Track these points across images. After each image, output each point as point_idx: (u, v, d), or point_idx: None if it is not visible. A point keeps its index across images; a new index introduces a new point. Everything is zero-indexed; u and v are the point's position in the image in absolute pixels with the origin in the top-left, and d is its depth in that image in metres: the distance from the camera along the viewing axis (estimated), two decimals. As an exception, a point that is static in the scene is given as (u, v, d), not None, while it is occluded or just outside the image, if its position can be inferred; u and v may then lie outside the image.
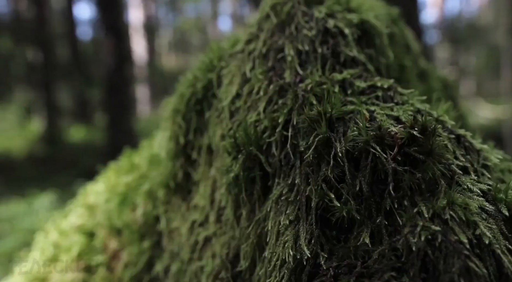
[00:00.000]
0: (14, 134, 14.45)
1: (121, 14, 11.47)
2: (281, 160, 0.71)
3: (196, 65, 0.99)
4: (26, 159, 13.30)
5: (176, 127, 0.98)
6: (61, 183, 9.74)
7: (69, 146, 13.57)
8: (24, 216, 4.61)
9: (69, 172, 11.42)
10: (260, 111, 0.77)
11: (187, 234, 0.95)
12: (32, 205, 4.86)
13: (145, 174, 1.18)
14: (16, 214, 4.72)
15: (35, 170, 12.00)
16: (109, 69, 11.04)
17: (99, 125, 14.13)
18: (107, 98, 11.23)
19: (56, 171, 11.92)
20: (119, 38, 11.12)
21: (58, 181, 10.17)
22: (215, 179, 0.91)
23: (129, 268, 1.05)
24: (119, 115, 11.07)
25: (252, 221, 0.73)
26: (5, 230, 4.61)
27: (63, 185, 9.01)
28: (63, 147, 13.52)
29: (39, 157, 13.42)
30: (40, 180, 10.64)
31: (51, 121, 13.76)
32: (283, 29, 0.86)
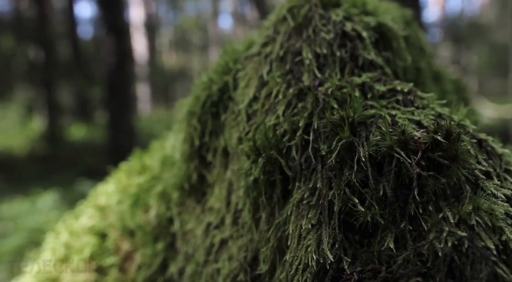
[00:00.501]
0: (15, 133, 14.45)
1: (122, 13, 11.46)
2: (301, 163, 0.71)
3: (211, 68, 0.99)
4: (27, 157, 13.31)
5: (191, 130, 0.98)
6: (62, 181, 9.75)
7: (70, 145, 13.58)
8: (28, 214, 4.62)
9: (70, 171, 11.44)
10: (279, 114, 0.77)
11: (202, 236, 0.95)
12: (35, 203, 4.87)
13: (158, 176, 1.18)
14: (19, 212, 4.72)
15: (36, 169, 12.01)
16: (110, 68, 11.04)
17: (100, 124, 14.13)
18: (108, 97, 11.23)
19: (57, 169, 11.92)
20: (120, 37, 11.11)
21: (60, 180, 10.19)
22: (231, 181, 0.91)
23: (142, 269, 1.05)
24: (120, 114, 11.07)
25: (271, 224, 0.73)
26: (9, 228, 4.61)
27: (65, 183, 9.03)
28: (64, 145, 13.52)
29: (40, 155, 13.43)
30: (41, 178, 10.66)
31: (52, 120, 13.77)
32: (300, 32, 0.86)
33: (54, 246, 1.32)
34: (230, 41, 20.61)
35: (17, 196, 6.53)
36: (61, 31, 16.08)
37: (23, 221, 4.54)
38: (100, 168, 11.44)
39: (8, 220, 4.62)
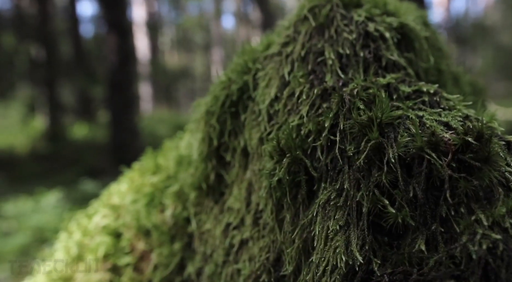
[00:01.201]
0: (17, 131, 14.46)
1: (124, 11, 11.47)
2: (327, 164, 0.71)
3: (230, 67, 0.99)
4: (29, 156, 13.32)
5: (210, 129, 0.97)
6: (64, 180, 9.77)
7: (71, 143, 13.59)
8: (31, 213, 4.62)
9: (72, 170, 11.45)
10: (303, 115, 0.77)
11: (221, 236, 0.95)
12: (39, 203, 4.87)
13: (173, 175, 1.18)
14: (23, 211, 4.73)
15: (37, 167, 12.02)
16: (112, 67, 11.05)
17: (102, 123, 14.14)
18: (110, 96, 11.24)
19: (59, 168, 11.93)
20: (122, 36, 11.12)
21: (61, 179, 10.20)
22: (251, 181, 0.91)
23: (159, 269, 1.05)
24: (122, 113, 11.08)
25: (296, 225, 0.73)
26: (13, 227, 4.62)
27: (67, 182, 9.05)
28: (65, 144, 13.53)
29: (42, 154, 13.44)
30: (43, 177, 10.67)
31: (54, 118, 13.78)
32: (322, 32, 0.85)
33: (67, 245, 1.32)
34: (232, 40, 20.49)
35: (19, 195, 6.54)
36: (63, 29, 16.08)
37: (27, 220, 4.54)
38: (102, 167, 11.47)
39: (13, 218, 4.62)
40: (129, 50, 11.48)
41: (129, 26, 11.99)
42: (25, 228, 4.48)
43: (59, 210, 5.14)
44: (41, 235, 4.54)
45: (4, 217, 4.75)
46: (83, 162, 12.28)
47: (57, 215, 5.03)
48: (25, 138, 13.81)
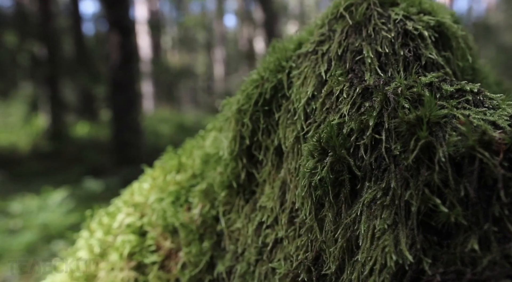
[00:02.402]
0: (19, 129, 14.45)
1: (127, 10, 11.46)
2: (371, 163, 0.71)
3: (262, 66, 0.98)
4: (31, 154, 13.32)
5: (242, 128, 0.97)
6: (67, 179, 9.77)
7: (74, 142, 13.58)
8: (37, 212, 4.62)
9: (74, 168, 11.45)
10: (344, 113, 0.76)
11: (253, 235, 0.94)
12: (45, 201, 4.87)
13: (198, 174, 1.18)
14: (29, 209, 4.73)
15: (39, 165, 12.02)
16: (114, 65, 11.04)
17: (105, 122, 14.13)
18: (113, 95, 11.23)
19: (61, 166, 11.93)
20: (125, 34, 11.11)
21: (64, 177, 10.20)
22: (284, 180, 0.90)
23: (188, 268, 1.05)
24: (125, 112, 11.08)
25: (338, 224, 0.73)
26: (19, 225, 4.62)
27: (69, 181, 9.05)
28: (68, 142, 13.53)
29: (44, 152, 13.44)
30: (45, 175, 10.67)
31: (56, 117, 13.77)
32: (359, 31, 0.85)
33: (89, 244, 1.32)
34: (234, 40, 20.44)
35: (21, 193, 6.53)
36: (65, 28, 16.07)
37: (33, 218, 4.54)
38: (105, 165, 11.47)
39: (19, 217, 4.62)
40: (131, 48, 11.48)
41: (131, 24, 11.98)
42: (32, 226, 4.48)
43: (64, 208, 5.14)
44: (47, 233, 4.55)
45: (11, 215, 4.75)
46: (85, 160, 12.29)
47: (62, 213, 5.03)
48: (27, 137, 13.82)
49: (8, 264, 3.76)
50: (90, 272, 1.29)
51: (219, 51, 22.89)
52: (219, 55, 22.88)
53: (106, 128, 13.27)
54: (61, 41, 14.81)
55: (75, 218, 5.03)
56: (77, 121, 15.02)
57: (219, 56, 22.78)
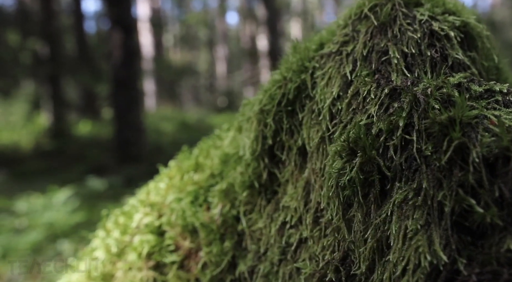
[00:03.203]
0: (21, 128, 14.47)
1: (129, 8, 11.45)
2: (401, 163, 0.71)
3: (283, 66, 0.98)
4: (33, 152, 13.33)
5: (263, 128, 0.97)
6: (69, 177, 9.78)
7: (76, 140, 13.60)
8: (43, 211, 4.63)
9: (76, 166, 11.46)
10: (371, 114, 0.77)
11: (275, 235, 0.95)
12: (50, 200, 4.88)
13: (217, 174, 1.18)
14: (34, 208, 4.74)
15: (42, 164, 12.04)
16: (117, 63, 11.03)
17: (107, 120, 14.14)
18: (115, 93, 11.23)
19: (63, 165, 11.95)
20: (127, 32, 11.10)
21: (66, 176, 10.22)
22: (308, 180, 0.91)
23: (209, 268, 1.05)
24: (127, 110, 11.09)
25: (368, 224, 0.73)
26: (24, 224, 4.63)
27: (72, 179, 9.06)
28: (70, 141, 13.54)
29: (46, 151, 13.45)
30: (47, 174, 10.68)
31: (58, 115, 13.78)
32: (384, 31, 0.85)
33: (106, 244, 1.32)
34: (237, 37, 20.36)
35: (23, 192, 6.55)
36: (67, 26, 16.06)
37: (38, 217, 4.55)
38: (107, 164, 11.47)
39: (24, 215, 4.63)
40: (133, 47, 11.47)
41: (133, 22, 11.97)
42: (37, 225, 4.49)
43: (69, 207, 5.15)
44: (52, 232, 4.56)
45: (16, 214, 4.76)
46: (87, 159, 12.30)
47: (67, 212, 5.04)
48: (30, 135, 13.83)
49: (14, 263, 3.77)
50: (107, 271, 1.30)
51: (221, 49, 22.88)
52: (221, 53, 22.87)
53: (108, 127, 13.28)
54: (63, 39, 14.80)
55: (80, 217, 5.04)
56: (79, 120, 15.03)
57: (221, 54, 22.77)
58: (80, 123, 14.65)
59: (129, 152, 10.86)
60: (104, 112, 15.60)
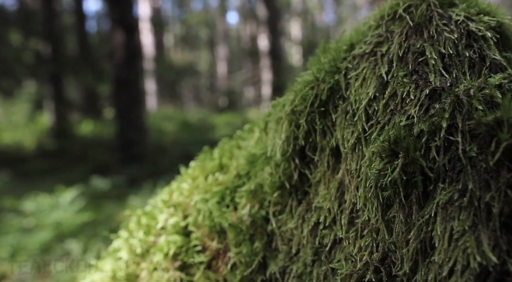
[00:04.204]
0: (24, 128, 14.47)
1: (131, 7, 11.44)
2: (445, 164, 0.71)
3: (315, 67, 0.99)
4: (36, 152, 13.33)
5: (295, 129, 0.98)
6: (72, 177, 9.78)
7: (78, 140, 13.60)
8: (50, 210, 4.63)
9: (79, 166, 11.46)
10: (411, 115, 0.77)
11: (308, 235, 0.95)
12: (57, 200, 4.89)
13: (243, 174, 1.18)
14: (41, 208, 4.74)
15: (44, 164, 12.03)
16: (119, 63, 11.03)
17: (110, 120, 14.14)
18: (118, 93, 11.23)
19: (66, 165, 11.95)
20: (129, 32, 11.09)
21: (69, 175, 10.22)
22: (342, 181, 0.91)
23: (239, 268, 1.05)
24: (129, 110, 11.08)
25: (410, 225, 0.73)
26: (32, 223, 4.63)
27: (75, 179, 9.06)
28: (72, 141, 13.54)
29: (48, 150, 13.44)
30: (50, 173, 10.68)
31: (60, 115, 13.77)
32: (420, 32, 0.85)
33: (130, 244, 1.32)
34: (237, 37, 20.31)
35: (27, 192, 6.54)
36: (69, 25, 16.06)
37: (46, 216, 4.56)
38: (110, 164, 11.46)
39: (32, 215, 4.64)
40: (135, 46, 11.47)
41: (135, 22, 11.97)
42: (44, 225, 4.50)
43: (75, 207, 5.16)
44: (59, 231, 4.56)
45: (22, 214, 4.76)
46: (90, 158, 12.30)
47: (74, 212, 5.05)
48: (32, 135, 13.83)
49: (23, 263, 3.78)
50: (130, 271, 1.30)
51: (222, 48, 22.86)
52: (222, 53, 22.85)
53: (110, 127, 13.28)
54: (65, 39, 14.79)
55: (86, 217, 5.04)
56: (81, 120, 15.03)
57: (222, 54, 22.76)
58: (82, 123, 14.65)
59: (131, 151, 10.87)
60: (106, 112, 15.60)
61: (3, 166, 11.17)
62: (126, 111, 10.83)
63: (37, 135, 13.69)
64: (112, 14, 11.05)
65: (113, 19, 11.07)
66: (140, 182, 8.28)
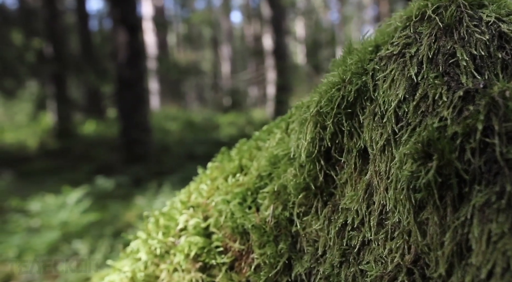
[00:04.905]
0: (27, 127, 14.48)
1: (134, 6, 11.45)
2: (480, 166, 0.71)
3: (340, 68, 0.98)
4: (39, 152, 13.35)
5: (321, 130, 0.97)
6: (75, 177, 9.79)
7: (81, 140, 13.61)
8: (57, 210, 4.64)
9: (82, 166, 11.47)
10: (444, 117, 0.76)
11: (334, 237, 0.95)
12: (63, 200, 4.89)
13: (265, 175, 1.18)
14: (48, 208, 4.75)
15: (47, 164, 12.04)
16: (122, 63, 11.03)
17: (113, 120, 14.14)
18: (121, 92, 11.23)
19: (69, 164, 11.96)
20: (132, 31, 11.09)
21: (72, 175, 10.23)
22: (369, 182, 0.91)
23: (263, 269, 1.05)
24: (133, 110, 11.09)
25: (444, 227, 0.73)
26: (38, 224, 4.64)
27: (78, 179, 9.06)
28: (75, 140, 13.56)
29: (51, 150, 13.46)
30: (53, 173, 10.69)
31: (63, 115, 13.78)
32: (450, 33, 0.85)
33: (149, 245, 1.32)
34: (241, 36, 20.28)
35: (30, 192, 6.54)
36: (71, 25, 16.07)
37: (53, 216, 4.56)
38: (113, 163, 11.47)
39: (39, 216, 4.64)
40: (139, 46, 11.47)
41: (139, 21, 11.97)
42: (51, 225, 4.50)
43: (81, 207, 5.16)
44: (66, 231, 4.57)
45: (27, 214, 4.77)
46: (93, 158, 12.31)
47: (79, 212, 5.05)
48: (35, 135, 13.85)
49: (31, 263, 3.78)
50: (149, 272, 1.30)
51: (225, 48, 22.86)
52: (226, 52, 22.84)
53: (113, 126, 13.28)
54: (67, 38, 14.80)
55: (92, 217, 5.05)
56: (84, 119, 15.04)
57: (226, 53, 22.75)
58: (85, 123, 14.66)
59: (135, 151, 10.88)
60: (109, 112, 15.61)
61: (6, 165, 11.19)
62: (130, 111, 10.84)
63: (39, 135, 13.71)
64: (115, 13, 11.05)
65: (115, 18, 11.08)
66: (144, 182, 8.29)
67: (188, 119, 15.49)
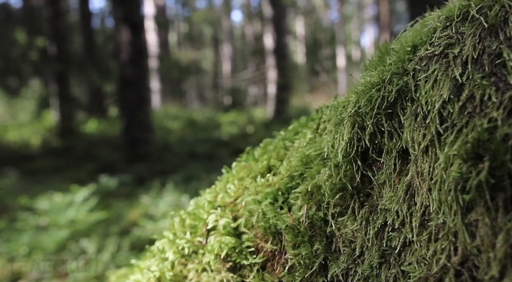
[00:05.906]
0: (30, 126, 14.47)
1: (137, 6, 11.43)
2: (534, 168, 0.70)
3: (379, 68, 0.98)
4: (42, 150, 13.34)
5: (359, 130, 0.97)
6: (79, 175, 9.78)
7: (84, 139, 13.60)
8: (65, 209, 4.63)
9: (85, 164, 11.46)
10: (493, 118, 0.76)
11: (373, 238, 0.94)
12: (71, 198, 4.89)
13: (296, 175, 1.18)
14: (55, 207, 4.74)
15: (50, 162, 12.03)
16: (125, 62, 11.02)
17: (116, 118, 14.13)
18: (124, 91, 11.22)
19: (72, 163, 11.95)
20: (135, 31, 11.08)
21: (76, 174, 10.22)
22: (410, 183, 0.90)
23: (298, 270, 1.05)
24: (136, 108, 11.08)
25: (496, 229, 0.73)
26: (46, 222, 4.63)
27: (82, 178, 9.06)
28: (78, 139, 13.55)
29: (54, 149, 13.45)
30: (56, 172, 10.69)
31: (66, 113, 13.77)
32: (495, 33, 0.84)
33: (177, 245, 1.32)
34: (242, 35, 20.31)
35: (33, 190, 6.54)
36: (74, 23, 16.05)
37: (61, 215, 4.56)
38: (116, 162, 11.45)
39: (46, 214, 4.64)
40: (141, 45, 11.46)
41: (141, 20, 11.96)
42: (58, 224, 4.50)
43: (87, 206, 5.16)
44: (73, 230, 4.57)
45: (38, 213, 4.77)
46: (96, 157, 12.30)
47: (86, 210, 5.05)
48: (38, 134, 13.84)
49: (41, 262, 3.78)
50: (177, 272, 1.30)
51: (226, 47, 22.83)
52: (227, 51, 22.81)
53: (116, 125, 13.28)
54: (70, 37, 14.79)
55: (99, 215, 5.05)
56: (87, 118, 15.03)
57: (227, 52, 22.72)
58: (88, 122, 14.65)
59: (137, 150, 10.87)
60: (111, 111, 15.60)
61: (10, 164, 11.19)
62: (132, 110, 10.83)
63: (42, 134, 13.70)
64: (118, 12, 11.04)
65: (119, 17, 11.07)
66: (147, 181, 8.29)
67: (189, 118, 15.48)
